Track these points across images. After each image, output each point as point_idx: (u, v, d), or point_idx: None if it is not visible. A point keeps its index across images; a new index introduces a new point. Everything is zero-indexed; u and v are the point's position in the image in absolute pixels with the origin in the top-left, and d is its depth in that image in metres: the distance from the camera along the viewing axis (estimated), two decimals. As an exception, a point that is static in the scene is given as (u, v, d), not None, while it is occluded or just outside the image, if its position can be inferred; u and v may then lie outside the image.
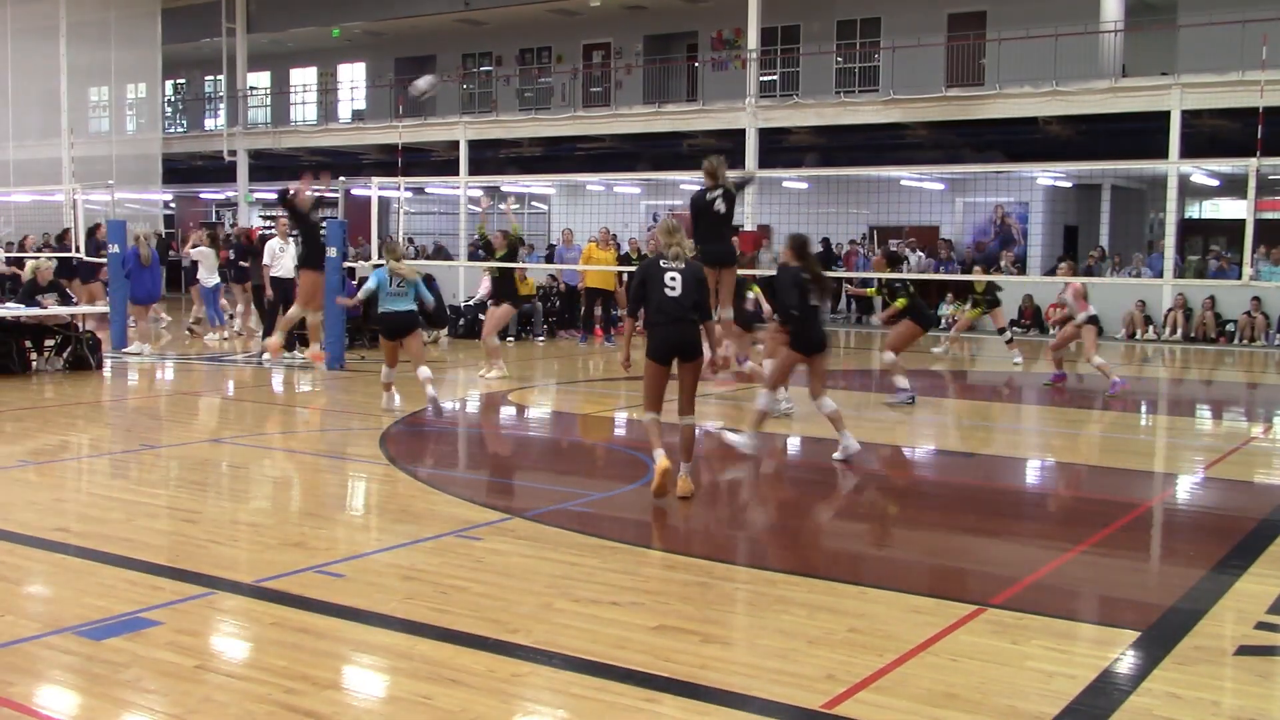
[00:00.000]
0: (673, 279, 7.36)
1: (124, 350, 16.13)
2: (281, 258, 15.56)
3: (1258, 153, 13.37)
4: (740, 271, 13.39)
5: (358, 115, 34.77)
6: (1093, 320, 13.41)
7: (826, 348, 9.02)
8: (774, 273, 13.89)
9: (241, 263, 18.59)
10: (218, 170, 34.30)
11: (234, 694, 4.17)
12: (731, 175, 10.69)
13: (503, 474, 8.91)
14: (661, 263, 7.47)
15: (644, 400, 7.62)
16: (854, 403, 11.90)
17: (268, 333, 15.70)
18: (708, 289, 7.69)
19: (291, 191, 14.35)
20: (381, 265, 11.06)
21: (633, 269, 20.29)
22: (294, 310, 14.34)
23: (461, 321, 20.24)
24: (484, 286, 20.35)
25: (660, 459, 7.27)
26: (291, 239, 15.70)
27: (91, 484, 8.16)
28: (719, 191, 10.21)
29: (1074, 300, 13.47)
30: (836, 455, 8.79)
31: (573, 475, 9.04)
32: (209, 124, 36.63)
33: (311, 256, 14.19)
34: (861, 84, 27.25)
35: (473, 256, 18.07)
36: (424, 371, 10.65)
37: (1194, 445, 10.69)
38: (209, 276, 18.79)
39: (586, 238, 20.92)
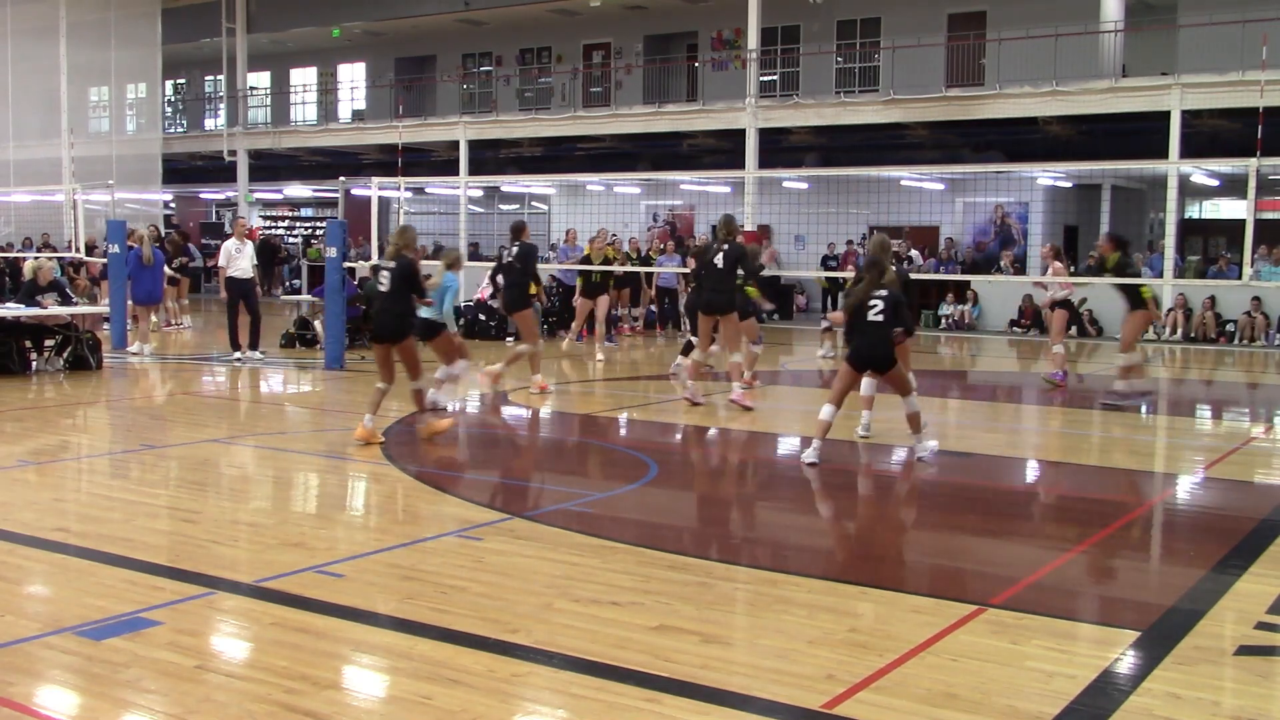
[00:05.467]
0: (384, 275, 9.10)
1: (124, 350, 16.13)
2: (238, 259, 15.45)
3: (1258, 153, 13.38)
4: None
5: (358, 115, 34.77)
6: (1067, 304, 13.66)
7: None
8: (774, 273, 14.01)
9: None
10: (218, 170, 34.31)
11: (234, 694, 4.17)
12: None
13: (503, 474, 8.91)
14: (381, 261, 9.21)
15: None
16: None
17: (232, 337, 15.63)
18: (414, 280, 9.17)
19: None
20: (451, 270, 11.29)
21: (635, 269, 20.64)
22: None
23: (461, 322, 20.21)
24: (486, 288, 20.35)
25: (365, 422, 9.17)
26: (249, 243, 15.82)
27: (91, 484, 8.16)
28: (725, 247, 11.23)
29: (1055, 276, 13.45)
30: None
31: (573, 475, 9.04)
32: (209, 124, 36.63)
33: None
34: (861, 84, 27.25)
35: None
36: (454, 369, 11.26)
37: (1194, 445, 10.69)
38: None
39: (585, 238, 20.94)
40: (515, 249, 12.29)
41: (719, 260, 11.12)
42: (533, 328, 12.66)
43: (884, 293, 8.59)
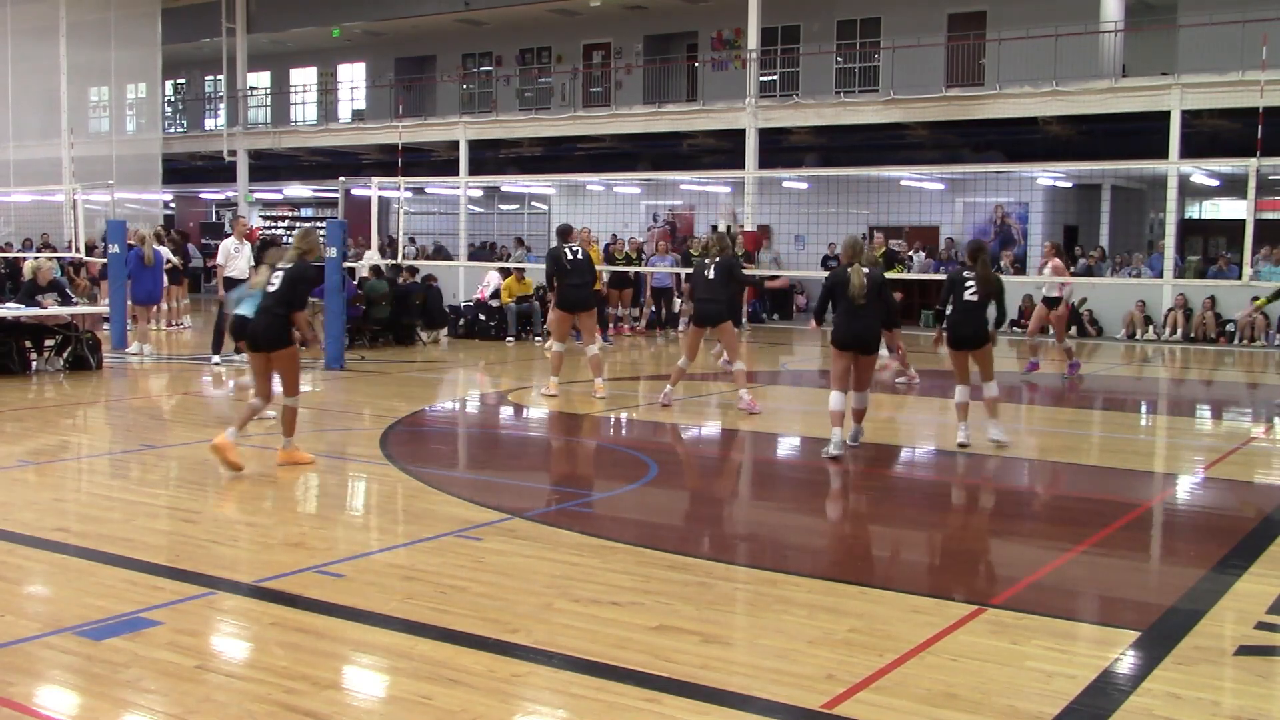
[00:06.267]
0: (276, 277, 8.35)
1: (124, 350, 16.13)
2: (236, 259, 15.35)
3: (1258, 153, 13.38)
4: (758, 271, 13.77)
5: (358, 115, 34.76)
6: (1058, 302, 14.25)
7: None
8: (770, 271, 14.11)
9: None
10: (218, 170, 34.30)
11: (234, 694, 4.17)
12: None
13: (503, 474, 8.91)
14: (276, 265, 8.51)
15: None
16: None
17: (216, 341, 15.19)
18: (304, 286, 8.42)
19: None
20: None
21: (623, 269, 20.69)
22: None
23: (461, 322, 20.25)
24: (490, 285, 20.38)
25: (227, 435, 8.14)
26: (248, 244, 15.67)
27: (91, 484, 8.16)
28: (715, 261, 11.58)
29: (1055, 275, 14.11)
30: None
31: (573, 475, 9.04)
32: (209, 124, 36.61)
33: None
34: (861, 84, 27.24)
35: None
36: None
37: (1194, 445, 10.69)
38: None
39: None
40: (579, 252, 12.26)
41: (710, 273, 11.42)
42: (595, 327, 12.87)
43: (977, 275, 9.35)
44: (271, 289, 8.29)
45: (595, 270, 12.85)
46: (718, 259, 11.52)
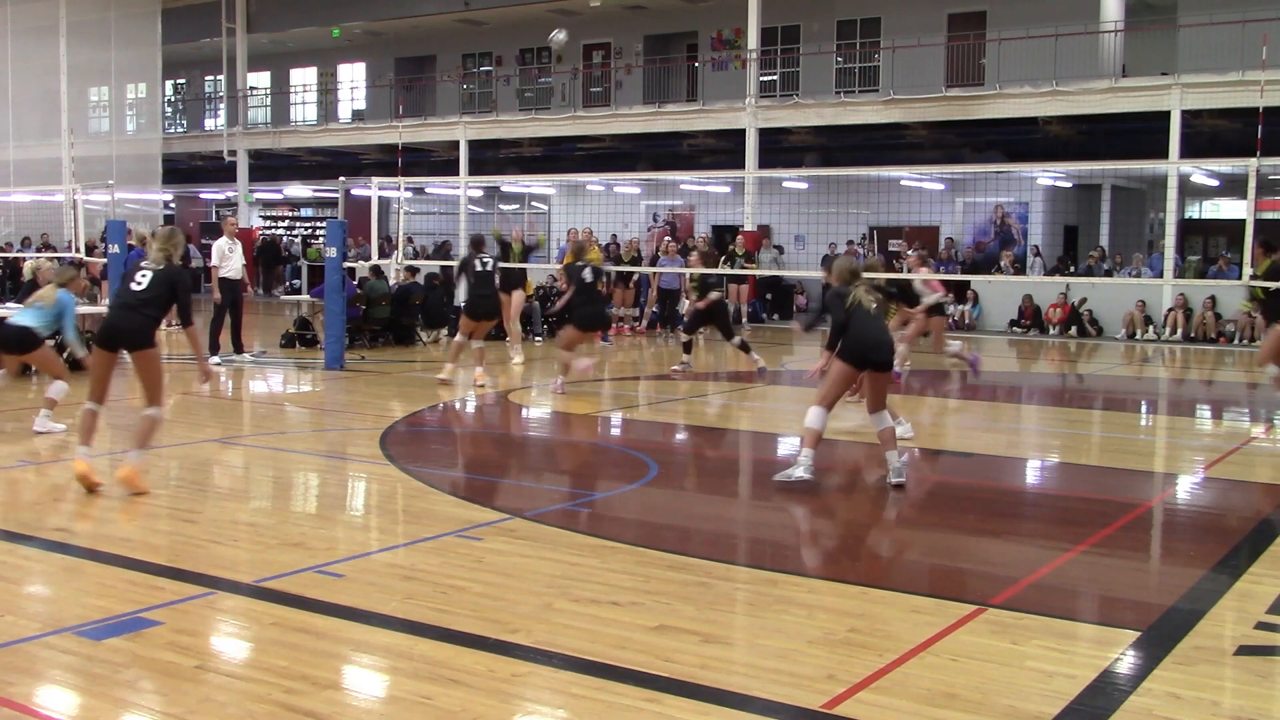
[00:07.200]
0: (143, 275, 7.59)
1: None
2: (230, 259, 15.28)
3: (1258, 153, 13.37)
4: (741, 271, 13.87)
5: (358, 115, 34.77)
6: (939, 308, 13.70)
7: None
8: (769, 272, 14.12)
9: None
10: (218, 170, 34.32)
11: (234, 694, 4.17)
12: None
13: (503, 474, 8.91)
14: (142, 263, 7.82)
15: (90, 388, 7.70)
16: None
17: (213, 343, 14.95)
18: (184, 293, 7.67)
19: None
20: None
21: (627, 269, 20.69)
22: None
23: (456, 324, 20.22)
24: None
25: (81, 454, 7.44)
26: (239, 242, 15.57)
27: (91, 484, 8.14)
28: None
29: (924, 285, 13.47)
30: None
31: (573, 475, 9.04)
32: (209, 124, 36.63)
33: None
34: (861, 84, 27.25)
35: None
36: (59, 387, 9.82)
37: (1194, 445, 10.69)
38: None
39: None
40: (490, 260, 13.58)
41: (587, 275, 12.74)
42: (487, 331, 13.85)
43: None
44: (139, 288, 7.53)
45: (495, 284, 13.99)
46: (590, 265, 12.79)
